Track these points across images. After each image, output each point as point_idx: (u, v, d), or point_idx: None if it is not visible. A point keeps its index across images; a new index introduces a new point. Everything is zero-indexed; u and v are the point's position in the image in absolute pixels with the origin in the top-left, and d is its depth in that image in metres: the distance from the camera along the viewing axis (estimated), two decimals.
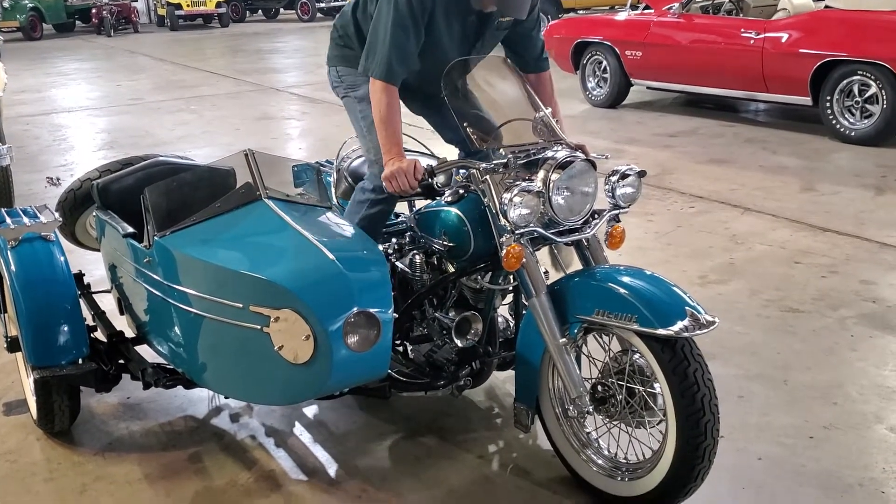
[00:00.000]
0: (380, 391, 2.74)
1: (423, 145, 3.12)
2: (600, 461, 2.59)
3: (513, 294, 2.87)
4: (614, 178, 2.58)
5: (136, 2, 25.45)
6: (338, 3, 23.11)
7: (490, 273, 2.74)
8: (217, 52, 17.45)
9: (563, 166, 2.46)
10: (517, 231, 2.43)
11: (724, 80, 7.80)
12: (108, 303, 3.50)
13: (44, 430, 3.07)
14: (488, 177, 2.51)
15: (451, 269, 2.82)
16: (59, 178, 6.79)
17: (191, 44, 19.31)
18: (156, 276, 2.83)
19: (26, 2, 22.27)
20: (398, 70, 2.72)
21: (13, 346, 3.07)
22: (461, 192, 2.67)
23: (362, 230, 2.78)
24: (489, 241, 2.59)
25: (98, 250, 3.57)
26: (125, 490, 2.76)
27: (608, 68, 8.87)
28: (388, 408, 3.16)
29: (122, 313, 3.36)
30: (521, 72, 2.88)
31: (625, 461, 2.57)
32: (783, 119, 8.13)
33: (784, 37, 7.19)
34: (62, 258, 3.01)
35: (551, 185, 2.45)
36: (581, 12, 15.47)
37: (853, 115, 6.91)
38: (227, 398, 3.15)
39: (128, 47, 18.95)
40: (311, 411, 3.20)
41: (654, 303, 2.29)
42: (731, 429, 2.90)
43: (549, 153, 2.53)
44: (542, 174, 2.47)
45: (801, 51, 7.06)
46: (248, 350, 2.55)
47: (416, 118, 3.18)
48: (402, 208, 3.37)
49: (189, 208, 2.90)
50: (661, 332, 2.24)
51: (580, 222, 2.55)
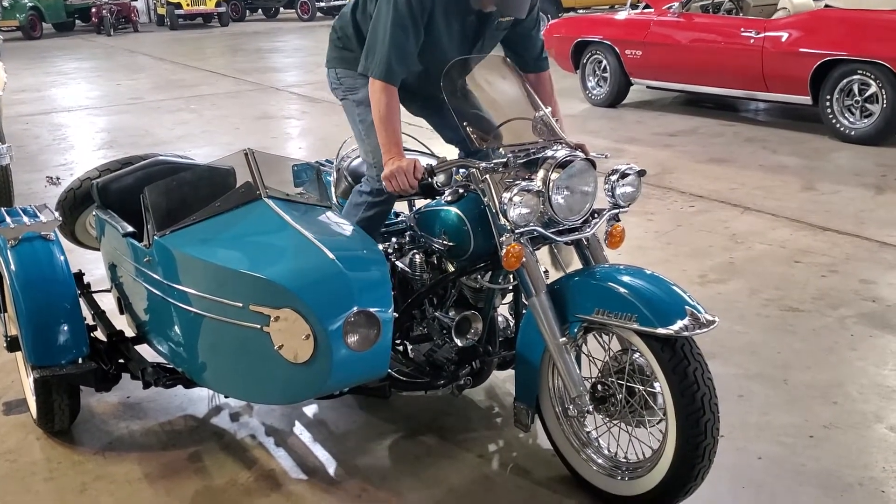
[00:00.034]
0: (380, 390, 2.74)
1: (423, 144, 3.12)
2: (600, 460, 2.59)
3: (513, 293, 2.87)
4: (614, 178, 2.58)
5: (136, 1, 25.45)
6: (338, 3, 23.09)
7: (490, 272, 2.74)
8: (217, 52, 17.45)
9: (562, 165, 2.46)
10: (517, 230, 2.43)
11: (724, 80, 7.80)
12: (107, 302, 3.50)
13: (44, 429, 3.07)
14: (488, 176, 2.51)
15: (450, 268, 2.82)
16: (58, 178, 6.79)
17: (190, 43, 19.30)
18: (155, 276, 2.83)
19: (26, 1, 22.27)
20: (397, 70, 2.72)
21: (13, 345, 3.07)
22: (461, 191, 2.67)
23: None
24: (489, 241, 2.59)
25: (98, 249, 3.57)
26: (125, 489, 2.76)
27: (608, 67, 8.87)
28: (388, 407, 3.16)
29: (121, 313, 3.36)
30: (520, 71, 2.88)
31: (625, 460, 2.57)
32: (783, 118, 8.13)
33: (784, 36, 7.19)
34: (62, 257, 3.01)
35: (551, 184, 2.45)
36: (581, 11, 15.46)
37: (853, 114, 6.91)
38: (226, 397, 3.15)
39: (127, 46, 18.95)
40: (311, 411, 3.20)
41: (654, 302, 2.30)
42: (731, 428, 2.90)
43: (549, 152, 2.53)
44: (541, 173, 2.47)
45: (801, 50, 7.06)
46: (248, 349, 2.55)
47: (417, 118, 3.18)
48: (402, 208, 3.37)
49: (189, 208, 2.90)
50: (660, 331, 2.25)
51: (580, 221, 2.55)
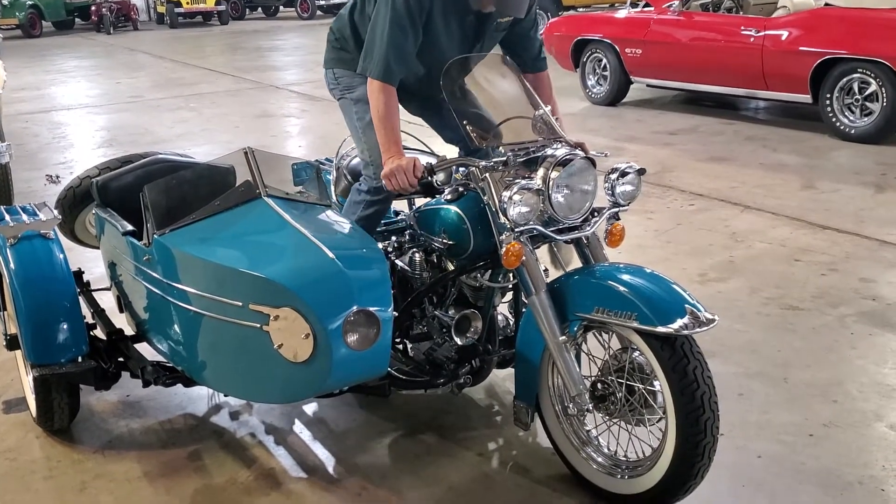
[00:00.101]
0: (379, 389, 2.74)
1: (423, 143, 3.12)
2: (600, 459, 2.59)
3: (512, 292, 2.87)
4: (614, 176, 2.58)
5: None
6: (337, 1, 23.08)
7: (490, 271, 2.74)
8: (216, 50, 17.44)
9: (562, 164, 2.46)
10: (517, 229, 2.43)
11: (724, 78, 7.79)
12: (107, 301, 3.50)
13: (43, 427, 3.07)
14: (488, 175, 2.50)
15: (450, 267, 2.81)
16: (58, 176, 6.79)
17: (190, 41, 19.29)
18: (155, 274, 2.83)
19: None
20: (396, 70, 2.72)
21: (12, 343, 3.07)
22: (461, 190, 2.67)
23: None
24: (489, 239, 2.59)
25: (97, 248, 3.57)
26: (125, 488, 2.76)
27: (608, 66, 8.86)
28: (387, 406, 3.16)
29: (121, 311, 3.36)
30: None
31: (625, 459, 2.57)
32: (783, 117, 8.12)
33: (784, 34, 7.19)
34: (61, 256, 3.01)
35: (551, 182, 2.45)
36: (581, 10, 15.45)
37: (853, 112, 6.91)
38: (226, 396, 3.15)
39: (127, 45, 18.94)
40: (310, 409, 3.20)
41: (654, 301, 2.30)
42: (731, 426, 2.90)
43: (549, 151, 2.52)
44: (541, 172, 2.47)
45: (801, 48, 7.06)
46: (248, 348, 2.54)
47: (416, 117, 3.18)
48: (402, 206, 3.37)
49: (188, 206, 2.90)
50: (660, 329, 2.25)
51: (580, 220, 2.54)
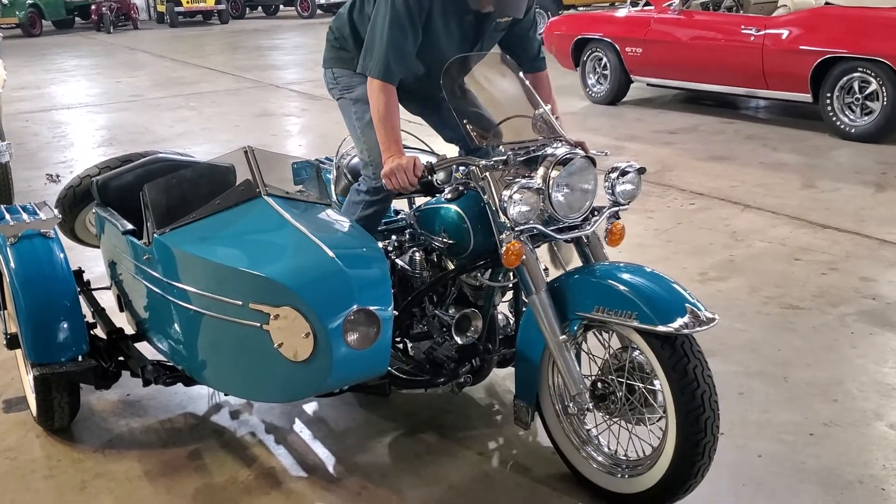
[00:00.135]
0: (380, 388, 2.74)
1: (423, 142, 3.12)
2: (600, 458, 2.59)
3: (513, 291, 2.87)
4: (614, 175, 2.58)
5: None
6: (337, 0, 23.07)
7: (490, 270, 2.74)
8: (216, 49, 17.44)
9: (562, 163, 2.46)
10: (517, 228, 2.43)
11: (724, 77, 7.79)
12: (107, 300, 3.50)
13: (43, 427, 3.07)
14: (488, 174, 2.50)
15: (450, 266, 2.81)
16: (58, 175, 6.79)
17: (190, 40, 19.28)
18: (155, 273, 2.83)
19: None
20: (396, 69, 2.72)
21: (13, 342, 3.07)
22: (461, 189, 2.67)
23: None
24: (489, 239, 2.58)
25: (98, 247, 3.57)
26: (125, 487, 2.76)
27: (608, 65, 8.86)
28: (387, 405, 3.16)
29: (121, 310, 3.36)
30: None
31: (625, 458, 2.57)
32: (783, 116, 8.12)
33: (784, 33, 7.18)
34: (62, 255, 3.01)
35: (551, 181, 2.45)
36: (581, 9, 15.44)
37: (853, 111, 6.90)
38: (226, 395, 3.15)
39: (127, 44, 18.93)
40: (310, 408, 3.20)
41: (654, 300, 2.30)
42: (731, 425, 2.90)
43: (549, 150, 2.52)
44: (541, 171, 2.47)
45: (801, 47, 7.05)
46: (248, 347, 2.54)
47: (416, 116, 3.18)
48: (402, 205, 3.37)
49: (189, 205, 2.90)
50: (660, 328, 2.25)
51: (580, 219, 2.54)
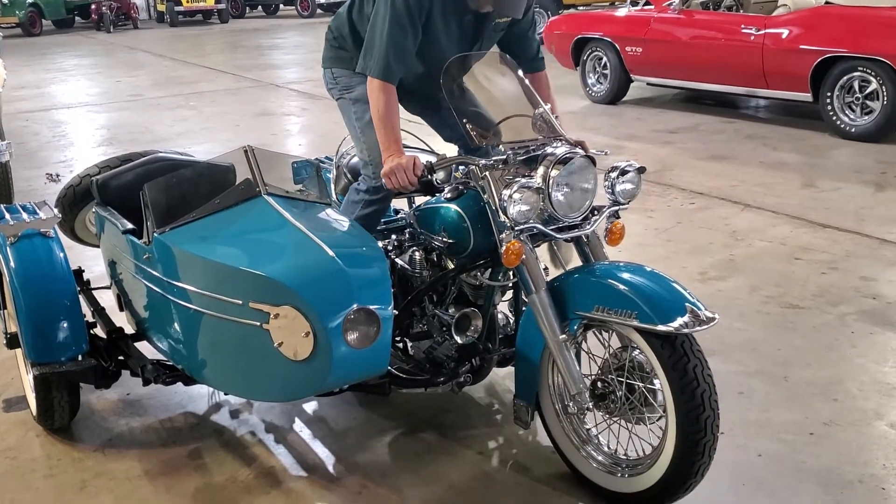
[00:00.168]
0: (380, 388, 2.74)
1: (423, 142, 3.12)
2: (600, 457, 2.59)
3: (512, 290, 2.87)
4: (614, 175, 2.58)
5: None
6: None
7: (490, 269, 2.74)
8: (216, 49, 17.43)
9: (562, 162, 2.46)
10: (517, 227, 2.43)
11: (724, 77, 7.79)
12: (107, 299, 3.50)
13: (43, 426, 3.07)
14: (488, 173, 2.50)
15: (450, 265, 2.81)
16: (58, 175, 6.79)
17: (190, 40, 19.28)
18: (155, 273, 2.83)
19: None
20: (396, 69, 2.72)
21: (13, 342, 3.07)
22: (461, 188, 2.67)
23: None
24: (489, 238, 2.58)
25: (97, 246, 3.57)
26: (125, 486, 2.76)
27: (608, 64, 8.85)
28: (387, 404, 3.16)
29: (121, 310, 3.36)
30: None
31: (625, 457, 2.57)
32: (783, 115, 8.12)
33: (784, 33, 7.18)
34: (61, 254, 3.01)
35: (551, 181, 2.45)
36: (581, 8, 15.44)
37: (853, 111, 6.90)
38: (226, 395, 3.15)
39: (127, 43, 18.93)
40: (310, 408, 3.20)
41: (654, 299, 2.29)
42: (731, 425, 2.90)
43: (549, 149, 2.52)
44: (541, 170, 2.47)
45: (801, 47, 7.05)
46: (248, 347, 2.54)
47: (416, 116, 3.18)
48: (402, 205, 3.37)
49: (188, 205, 2.90)
50: (660, 328, 2.25)
51: (580, 219, 2.54)
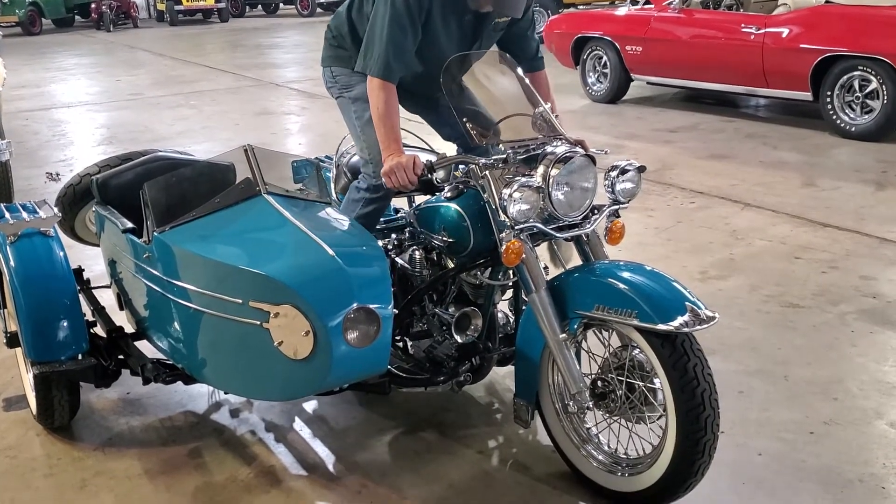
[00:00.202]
0: (380, 387, 2.74)
1: (423, 141, 3.12)
2: (600, 456, 2.59)
3: (512, 290, 2.87)
4: (614, 174, 2.58)
5: None
6: None
7: (490, 269, 2.74)
8: (216, 48, 17.43)
9: (562, 161, 2.46)
10: (517, 227, 2.43)
11: (724, 76, 7.79)
12: (107, 298, 3.50)
13: (43, 425, 3.07)
14: (488, 172, 2.50)
15: (450, 264, 2.81)
16: (58, 174, 6.78)
17: (190, 39, 19.27)
18: (155, 272, 2.83)
19: None
20: (395, 68, 2.72)
21: (13, 341, 3.07)
22: (460, 187, 2.67)
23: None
24: (489, 237, 2.58)
25: (97, 245, 3.57)
26: (125, 485, 2.76)
27: (608, 63, 8.85)
28: (387, 403, 3.16)
29: (121, 309, 3.36)
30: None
31: (625, 456, 2.57)
32: (784, 114, 8.12)
33: (784, 32, 7.18)
34: (61, 253, 3.01)
35: (551, 180, 2.45)
36: (581, 7, 15.43)
37: (853, 110, 6.90)
38: (226, 394, 3.15)
39: (127, 42, 18.92)
40: (310, 407, 3.20)
41: (654, 298, 2.29)
42: (731, 424, 2.90)
43: (549, 148, 2.52)
44: (541, 169, 2.47)
45: (801, 46, 7.05)
46: (248, 346, 2.54)
47: (415, 115, 3.18)
48: (402, 204, 3.37)
49: (188, 204, 2.90)
50: (660, 327, 2.25)
51: (580, 218, 2.54)
